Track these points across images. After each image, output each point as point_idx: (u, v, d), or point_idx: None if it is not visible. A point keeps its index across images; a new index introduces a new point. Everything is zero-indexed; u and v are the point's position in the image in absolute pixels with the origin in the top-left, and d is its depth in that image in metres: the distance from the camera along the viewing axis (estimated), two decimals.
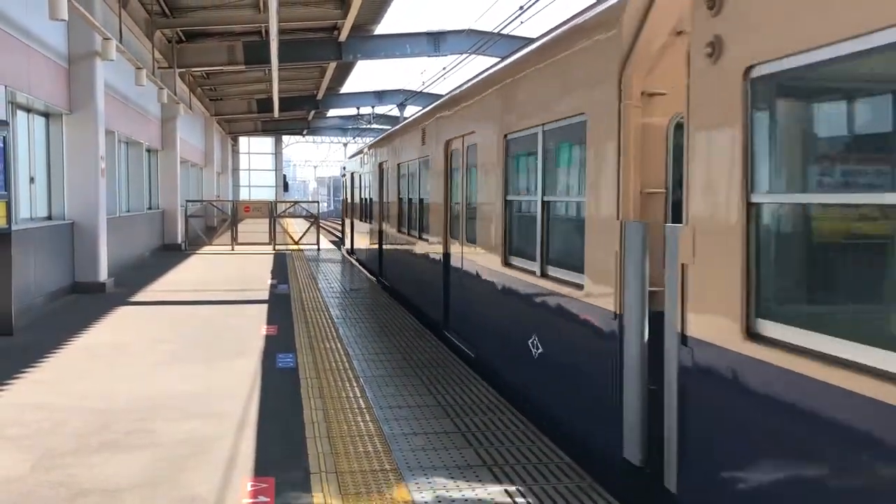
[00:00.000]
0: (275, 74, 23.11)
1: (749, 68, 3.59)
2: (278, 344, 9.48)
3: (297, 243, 26.41)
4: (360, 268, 19.65)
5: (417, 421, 6.29)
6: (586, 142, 5.61)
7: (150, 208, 23.18)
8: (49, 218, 14.07)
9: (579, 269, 5.81)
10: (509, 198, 7.64)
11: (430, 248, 11.61)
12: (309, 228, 27.44)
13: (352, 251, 24.57)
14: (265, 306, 12.66)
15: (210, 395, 7.16)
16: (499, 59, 9.60)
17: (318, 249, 25.02)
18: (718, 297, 3.86)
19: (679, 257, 4.19)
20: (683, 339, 4.19)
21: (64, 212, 14.30)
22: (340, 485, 4.94)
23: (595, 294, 5.46)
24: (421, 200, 12.49)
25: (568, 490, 4.86)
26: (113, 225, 16.27)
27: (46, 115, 14.04)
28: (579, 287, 5.81)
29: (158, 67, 21.64)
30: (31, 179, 13.27)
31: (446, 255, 10.63)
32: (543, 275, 6.69)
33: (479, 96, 8.72)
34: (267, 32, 18.75)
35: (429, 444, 5.71)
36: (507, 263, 7.65)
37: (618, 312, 5.12)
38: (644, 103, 5.08)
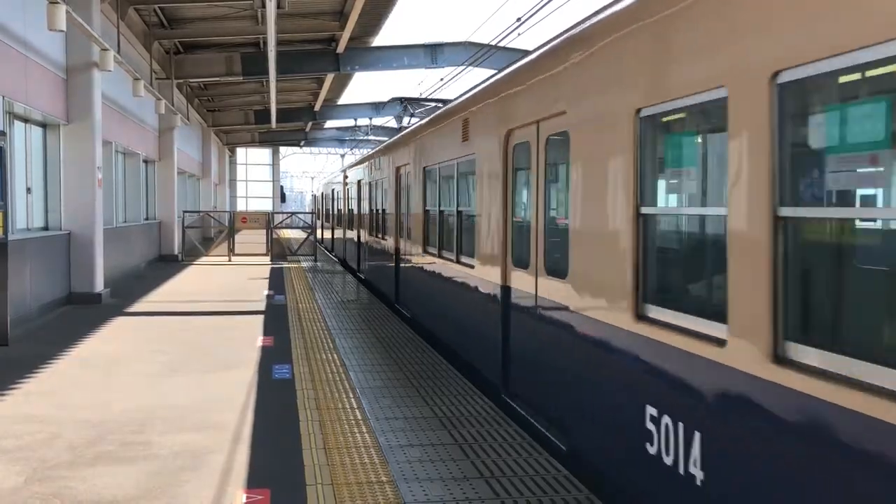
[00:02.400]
0: (272, 86, 23.16)
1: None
2: (274, 355, 9.45)
3: (294, 253, 26.40)
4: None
5: (414, 432, 6.26)
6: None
7: (146, 219, 23.17)
8: (45, 228, 14.05)
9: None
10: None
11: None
12: (306, 239, 27.43)
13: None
14: (261, 317, 12.64)
15: (205, 406, 7.13)
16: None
17: (316, 260, 25.01)
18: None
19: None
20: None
21: (60, 222, 14.28)
22: (336, 496, 4.91)
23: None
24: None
25: (564, 502, 4.84)
26: (109, 235, 16.25)
27: (44, 125, 14.04)
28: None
29: (156, 78, 21.69)
30: (28, 190, 13.26)
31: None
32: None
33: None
34: (265, 44, 18.81)
35: (425, 456, 5.68)
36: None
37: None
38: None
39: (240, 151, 57.37)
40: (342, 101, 38.62)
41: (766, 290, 3.47)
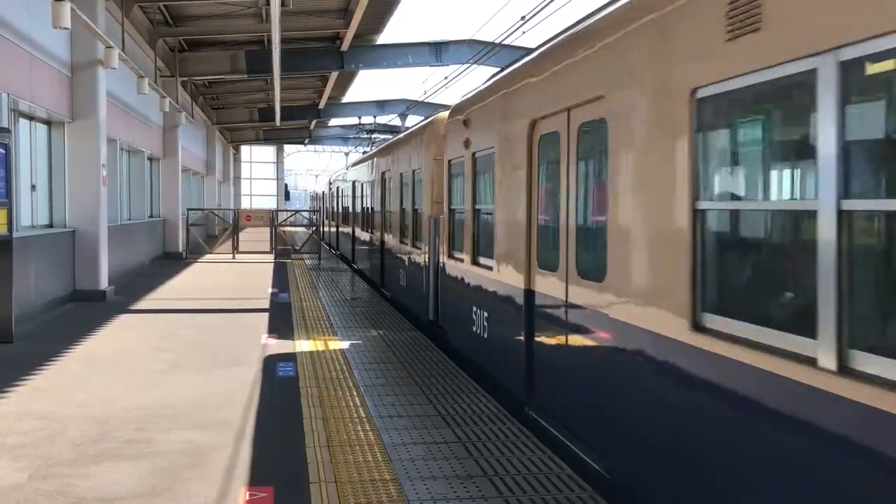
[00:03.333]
0: (277, 83, 23.17)
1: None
2: (278, 352, 9.45)
3: (298, 251, 26.41)
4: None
5: (417, 430, 6.26)
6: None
7: (151, 216, 23.19)
8: (50, 226, 14.07)
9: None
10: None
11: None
12: (309, 238, 27.45)
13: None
14: (265, 314, 12.64)
15: (209, 403, 7.13)
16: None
17: (320, 258, 25.03)
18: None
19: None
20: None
21: (65, 219, 14.30)
22: (340, 494, 4.91)
23: None
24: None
25: (569, 501, 4.83)
26: (114, 233, 16.27)
27: (48, 122, 14.06)
28: None
29: (160, 76, 21.71)
30: (33, 187, 13.29)
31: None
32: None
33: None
34: (269, 42, 18.82)
35: (429, 454, 5.68)
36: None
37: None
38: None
39: (244, 149, 57.43)
40: (346, 99, 38.63)
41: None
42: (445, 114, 10.74)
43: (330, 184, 28.20)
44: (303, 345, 9.95)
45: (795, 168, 3.66)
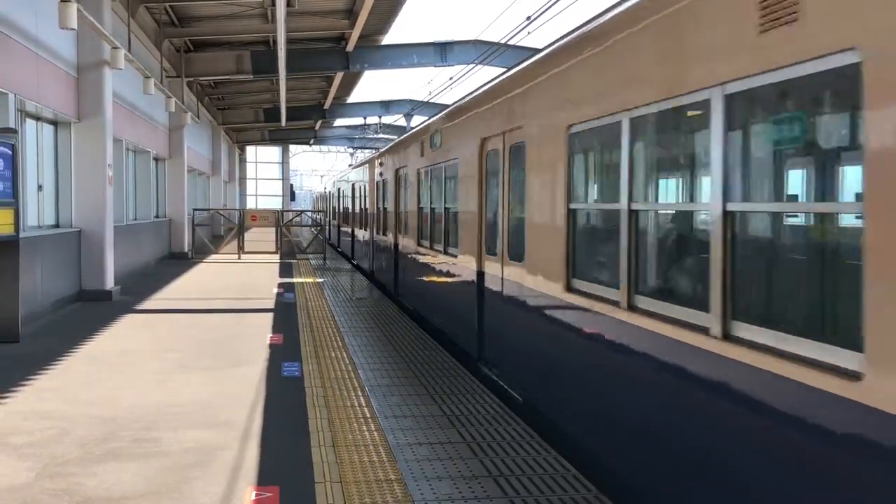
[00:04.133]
0: (282, 84, 23.20)
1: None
2: (284, 352, 9.47)
3: (304, 251, 26.45)
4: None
5: (422, 431, 6.26)
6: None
7: (157, 216, 23.25)
8: (56, 226, 14.12)
9: None
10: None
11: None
12: (315, 238, 27.49)
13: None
14: (271, 315, 12.67)
15: (215, 403, 7.15)
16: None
17: (325, 259, 25.05)
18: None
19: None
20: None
21: (71, 219, 14.35)
22: (345, 494, 4.92)
23: None
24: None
25: (573, 501, 4.83)
26: (120, 233, 16.31)
27: (55, 123, 14.11)
28: None
29: (166, 76, 21.76)
30: (40, 187, 13.33)
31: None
32: None
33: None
34: (275, 42, 18.85)
35: (434, 455, 5.68)
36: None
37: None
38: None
39: (249, 149, 57.48)
40: (352, 99, 38.65)
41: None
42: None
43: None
44: (308, 345, 9.97)
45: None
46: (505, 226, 7.90)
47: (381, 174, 17.68)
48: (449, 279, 10.46)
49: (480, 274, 8.75)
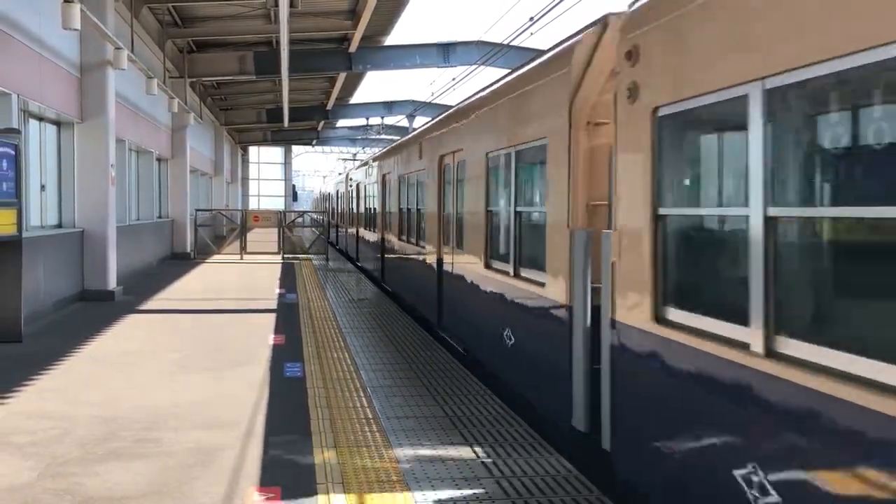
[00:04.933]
0: (285, 84, 23.22)
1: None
2: (286, 353, 9.47)
3: (305, 251, 26.47)
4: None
5: (425, 432, 6.26)
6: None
7: (159, 217, 23.27)
8: (59, 226, 14.13)
9: None
10: None
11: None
12: (317, 238, 27.50)
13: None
14: (273, 315, 12.67)
15: (217, 403, 7.15)
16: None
17: (327, 259, 25.06)
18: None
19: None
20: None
21: (74, 220, 14.36)
22: (346, 495, 4.91)
23: None
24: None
25: (575, 502, 4.82)
26: (122, 233, 16.32)
27: (58, 123, 14.12)
28: None
29: (169, 77, 21.78)
30: (42, 187, 13.34)
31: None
32: None
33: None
34: (277, 43, 18.85)
35: (436, 455, 5.68)
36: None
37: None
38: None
39: (252, 150, 57.57)
40: (354, 100, 38.68)
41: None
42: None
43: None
44: (310, 345, 9.97)
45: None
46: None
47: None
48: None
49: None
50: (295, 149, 62.01)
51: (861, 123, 3.23)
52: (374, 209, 19.44)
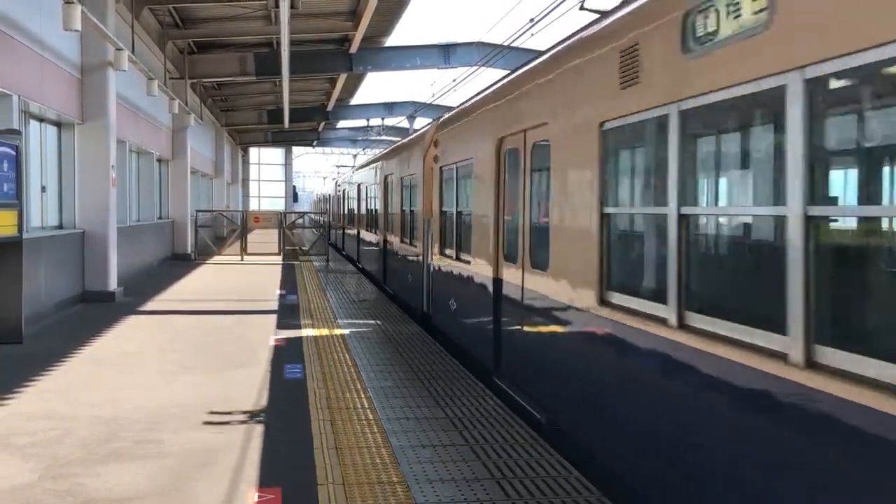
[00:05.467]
0: (285, 85, 23.22)
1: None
2: (286, 354, 9.47)
3: (305, 253, 26.46)
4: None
5: (425, 433, 6.26)
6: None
7: (160, 218, 23.27)
8: (60, 227, 14.13)
9: None
10: None
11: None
12: (318, 239, 27.49)
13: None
14: (274, 316, 12.67)
15: (217, 404, 7.15)
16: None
17: (328, 260, 25.06)
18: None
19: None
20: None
21: (74, 221, 14.36)
22: (347, 496, 4.91)
23: None
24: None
25: None
26: (123, 234, 16.33)
27: (58, 124, 14.13)
28: None
29: (170, 78, 21.79)
30: (43, 188, 13.35)
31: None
32: None
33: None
34: (278, 44, 18.86)
35: (436, 457, 5.68)
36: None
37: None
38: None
39: (252, 151, 57.57)
40: (355, 101, 38.68)
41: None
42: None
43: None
44: (311, 346, 9.97)
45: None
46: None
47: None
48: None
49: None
50: (295, 150, 62.03)
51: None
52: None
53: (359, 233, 22.88)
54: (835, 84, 3.35)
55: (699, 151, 4.47)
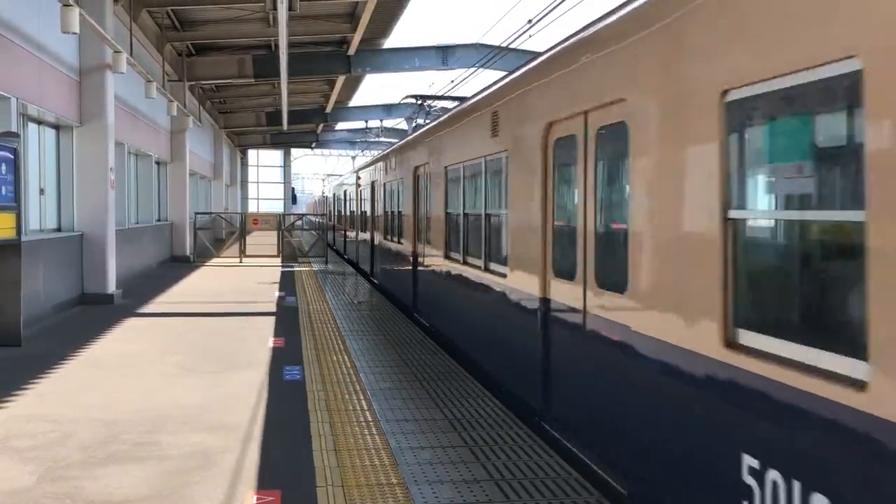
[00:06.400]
0: (284, 87, 23.21)
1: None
2: (285, 356, 9.47)
3: (305, 255, 26.45)
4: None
5: (424, 435, 6.26)
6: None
7: (158, 220, 23.26)
8: (58, 229, 14.12)
9: None
10: None
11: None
12: (317, 241, 27.48)
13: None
14: (272, 318, 12.66)
15: (216, 407, 7.15)
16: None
17: (326, 262, 25.06)
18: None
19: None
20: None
21: (73, 223, 14.36)
22: (347, 498, 4.91)
23: None
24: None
25: None
26: (122, 236, 16.32)
27: (57, 127, 14.12)
28: None
29: (168, 80, 21.78)
30: (41, 191, 13.34)
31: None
32: None
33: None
34: (276, 46, 18.86)
35: (435, 458, 5.68)
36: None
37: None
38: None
39: (251, 153, 57.50)
40: (353, 102, 38.66)
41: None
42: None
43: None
44: (309, 348, 9.96)
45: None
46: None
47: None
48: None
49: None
50: (294, 152, 61.97)
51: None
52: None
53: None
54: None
55: None
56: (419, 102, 21.23)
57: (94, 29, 13.02)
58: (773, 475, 3.37)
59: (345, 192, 19.76)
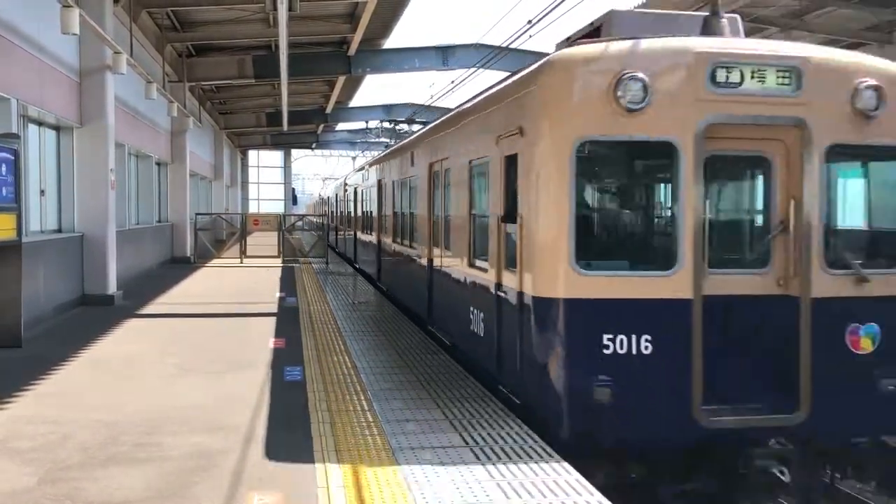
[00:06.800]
0: (284, 88, 23.22)
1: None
2: (286, 356, 9.46)
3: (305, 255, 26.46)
4: None
5: (425, 435, 6.25)
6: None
7: (159, 221, 23.26)
8: (59, 230, 14.12)
9: None
10: None
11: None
12: (317, 241, 27.49)
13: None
14: (273, 319, 12.66)
15: (217, 407, 7.14)
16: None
17: (327, 263, 25.06)
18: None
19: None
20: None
21: (73, 224, 14.35)
22: (348, 499, 4.91)
23: None
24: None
25: None
26: (122, 237, 16.32)
27: (57, 128, 14.12)
28: None
29: (168, 81, 21.79)
30: (42, 192, 13.34)
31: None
32: None
33: None
34: (277, 47, 18.85)
35: (436, 459, 5.67)
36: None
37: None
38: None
39: (252, 154, 57.50)
40: (353, 103, 38.68)
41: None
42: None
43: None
44: (310, 349, 9.96)
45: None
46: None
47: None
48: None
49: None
50: (294, 152, 61.96)
51: None
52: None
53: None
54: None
55: None
56: (392, 125, 24.93)
57: (93, 30, 13.02)
58: (477, 315, 8.10)
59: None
